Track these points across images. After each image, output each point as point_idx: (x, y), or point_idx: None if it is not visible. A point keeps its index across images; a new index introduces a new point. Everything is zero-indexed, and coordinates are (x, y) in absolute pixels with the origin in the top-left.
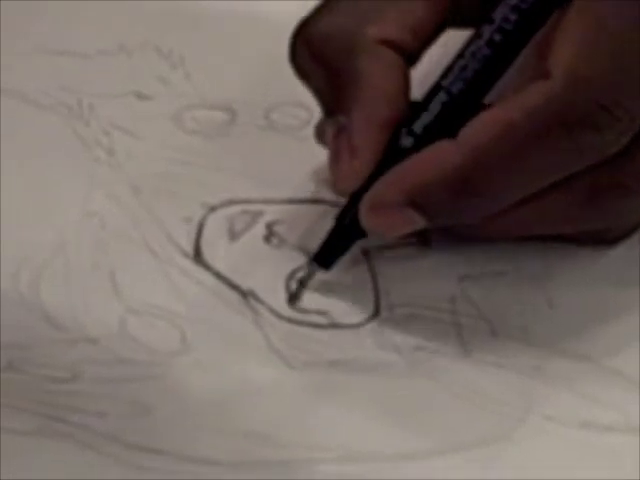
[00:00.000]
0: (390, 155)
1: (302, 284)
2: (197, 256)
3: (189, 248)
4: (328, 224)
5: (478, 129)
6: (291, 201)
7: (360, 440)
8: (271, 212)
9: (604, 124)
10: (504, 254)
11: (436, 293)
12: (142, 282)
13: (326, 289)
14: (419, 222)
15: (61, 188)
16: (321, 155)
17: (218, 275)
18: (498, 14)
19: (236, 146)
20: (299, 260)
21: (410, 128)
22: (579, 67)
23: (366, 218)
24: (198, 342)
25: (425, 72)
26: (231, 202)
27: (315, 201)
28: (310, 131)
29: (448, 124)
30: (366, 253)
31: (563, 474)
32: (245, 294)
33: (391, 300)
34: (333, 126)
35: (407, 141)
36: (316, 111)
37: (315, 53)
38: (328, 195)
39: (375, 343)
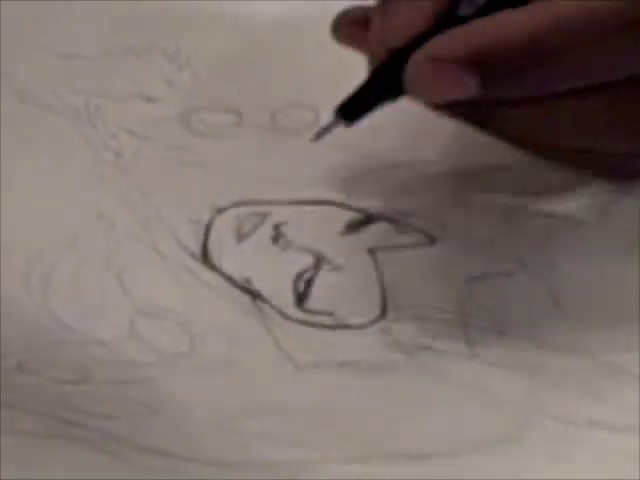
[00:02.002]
0: (446, 21)
1: (309, 285)
2: (205, 257)
3: (197, 249)
4: (336, 225)
5: (560, 6)
6: (298, 202)
7: (366, 440)
8: (278, 213)
9: None
10: (510, 253)
11: (443, 293)
12: (151, 284)
13: (333, 290)
14: (470, 87)
15: (70, 190)
16: (328, 156)
17: (226, 276)
18: None
19: (243, 147)
20: (306, 261)
21: None
22: None
23: (416, 71)
24: (206, 344)
25: None
26: (238, 203)
27: (322, 202)
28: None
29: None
30: (373, 253)
31: (570, 474)
32: (253, 295)
33: (398, 300)
34: None
35: (467, 10)
36: (322, 112)
37: None
38: (335, 196)
39: (382, 343)
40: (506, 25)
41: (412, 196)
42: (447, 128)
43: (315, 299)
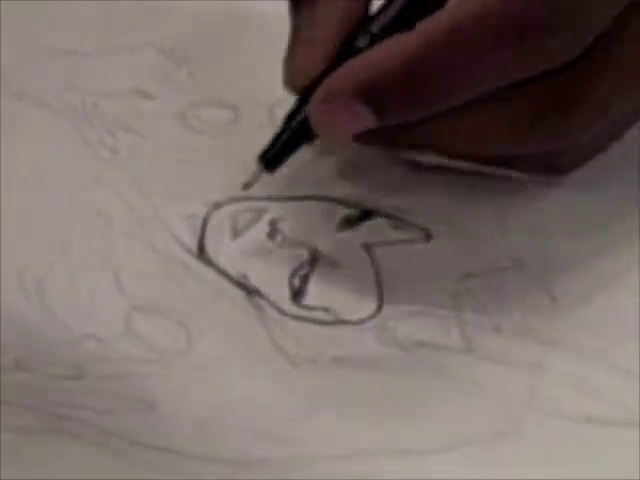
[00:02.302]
0: (345, 54)
1: (305, 281)
2: (201, 254)
3: (193, 246)
4: (332, 221)
5: (435, 23)
6: (294, 198)
7: (363, 437)
8: (274, 209)
9: (557, 29)
10: (507, 250)
11: (439, 289)
12: (147, 280)
13: (329, 286)
14: (368, 119)
15: (67, 188)
16: (324, 151)
17: (222, 272)
18: None
19: (240, 144)
20: (303, 257)
21: (367, 28)
22: None
23: (315, 112)
24: (203, 340)
25: None
26: (234, 199)
27: (319, 198)
28: None
29: (405, 26)
30: (369, 249)
31: (567, 469)
32: (249, 291)
33: (394, 296)
34: (295, 19)
35: (363, 41)
36: None
37: None
38: (332, 192)
39: (378, 339)
40: (387, 53)
41: (409, 192)
42: None
43: (311, 295)
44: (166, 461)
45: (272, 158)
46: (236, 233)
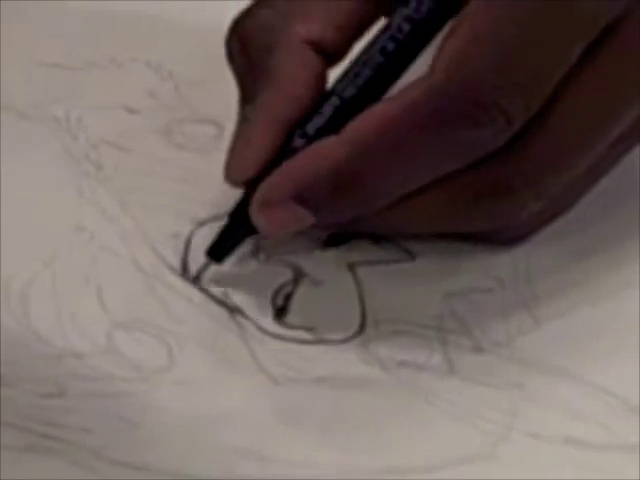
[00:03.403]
0: (283, 155)
1: (288, 300)
2: (184, 271)
3: (176, 263)
4: (316, 239)
5: (360, 123)
6: None
7: (345, 456)
8: None
9: (480, 121)
10: (490, 270)
11: (422, 309)
12: (129, 297)
13: (312, 305)
14: (306, 218)
15: (49, 202)
16: None
17: (205, 291)
18: (393, 23)
19: (224, 160)
20: (286, 275)
21: (303, 129)
22: (459, 64)
23: (255, 216)
24: (185, 358)
25: None
26: (219, 217)
27: None
28: None
29: (339, 128)
30: (352, 268)
31: None
32: (232, 310)
33: (377, 316)
34: (239, 116)
35: (299, 142)
36: None
37: (241, 45)
38: None
39: (360, 359)
40: (317, 157)
41: None
42: None
43: (294, 314)
44: None
45: (219, 252)
46: None
